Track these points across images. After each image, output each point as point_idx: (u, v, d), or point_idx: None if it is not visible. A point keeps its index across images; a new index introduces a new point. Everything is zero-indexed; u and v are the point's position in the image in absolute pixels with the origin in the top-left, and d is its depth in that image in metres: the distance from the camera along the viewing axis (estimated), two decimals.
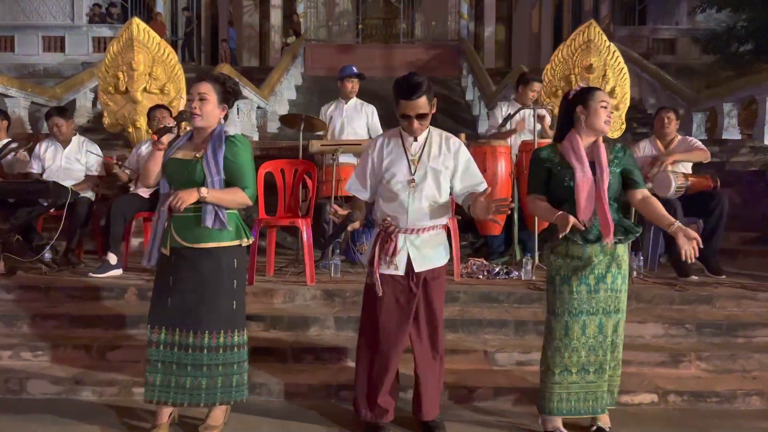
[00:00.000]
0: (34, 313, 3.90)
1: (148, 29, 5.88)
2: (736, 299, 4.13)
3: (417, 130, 2.75)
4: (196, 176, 2.69)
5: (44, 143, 5.16)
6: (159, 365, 2.75)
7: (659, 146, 5.05)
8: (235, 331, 2.79)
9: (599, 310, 2.78)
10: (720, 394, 3.27)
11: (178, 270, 2.74)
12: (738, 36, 11.45)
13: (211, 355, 2.73)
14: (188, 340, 2.72)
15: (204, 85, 2.74)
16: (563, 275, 2.80)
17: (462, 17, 18.00)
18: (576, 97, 2.85)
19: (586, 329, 2.77)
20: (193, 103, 2.72)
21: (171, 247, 2.74)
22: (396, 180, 2.78)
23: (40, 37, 15.24)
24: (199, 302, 2.71)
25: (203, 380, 2.74)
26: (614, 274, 2.78)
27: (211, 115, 2.75)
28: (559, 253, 2.82)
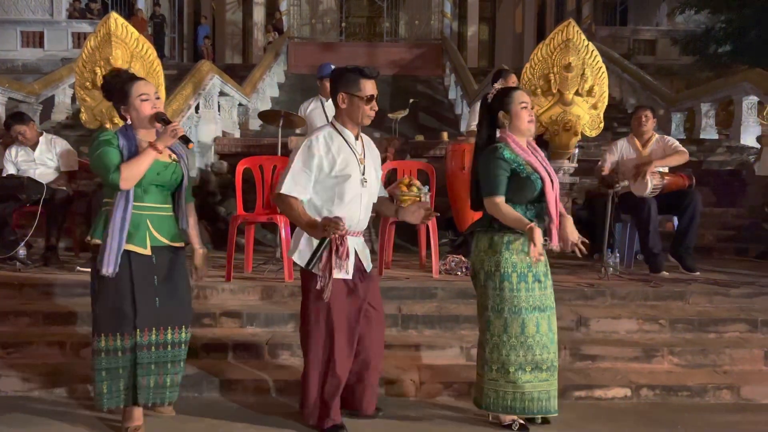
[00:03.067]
0: (7, 310, 3.85)
1: (126, 24, 5.80)
2: (709, 295, 4.19)
3: (372, 115, 2.78)
4: (176, 178, 2.76)
5: (14, 148, 5.09)
6: (152, 367, 2.70)
7: (637, 145, 5.11)
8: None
9: (548, 306, 2.83)
10: (691, 388, 3.32)
11: (162, 269, 2.73)
12: (716, 37, 11.60)
13: (181, 350, 2.81)
14: (172, 337, 2.75)
15: (151, 85, 2.76)
16: (519, 272, 2.77)
17: (445, 16, 18.05)
18: (495, 102, 2.86)
19: (540, 326, 2.78)
20: (156, 103, 2.70)
21: (152, 246, 2.70)
22: (352, 180, 2.74)
23: (18, 33, 15.00)
24: (180, 299, 2.80)
25: (174, 377, 2.79)
26: (549, 273, 2.88)
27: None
28: (514, 249, 2.78)
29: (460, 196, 5.11)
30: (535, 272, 2.79)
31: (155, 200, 2.73)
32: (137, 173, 2.59)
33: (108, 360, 2.67)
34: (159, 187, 2.73)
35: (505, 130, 2.85)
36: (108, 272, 2.59)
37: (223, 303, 4.00)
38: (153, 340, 2.72)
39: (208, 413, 3.00)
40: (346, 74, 2.74)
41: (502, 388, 2.79)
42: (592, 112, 5.88)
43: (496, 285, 2.79)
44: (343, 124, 2.80)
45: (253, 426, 2.90)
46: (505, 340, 2.78)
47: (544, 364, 2.78)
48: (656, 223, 4.81)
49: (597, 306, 4.09)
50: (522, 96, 2.83)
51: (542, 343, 2.78)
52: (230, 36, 20.03)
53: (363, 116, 2.76)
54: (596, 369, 3.52)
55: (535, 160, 2.83)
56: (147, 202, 2.71)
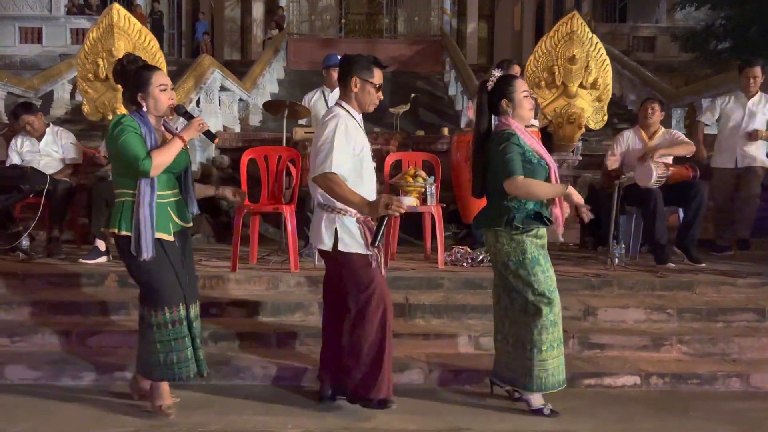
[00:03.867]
0: (12, 300, 3.83)
1: (128, 15, 5.79)
2: (716, 285, 4.19)
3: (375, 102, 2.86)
4: (184, 164, 2.87)
5: (19, 138, 5.06)
6: (186, 340, 2.80)
7: (643, 137, 5.10)
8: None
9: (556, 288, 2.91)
10: (701, 376, 3.32)
11: (179, 250, 2.86)
12: (716, 34, 11.61)
13: (197, 324, 2.91)
14: (195, 311, 2.89)
15: (166, 75, 2.84)
16: (532, 256, 2.83)
17: (445, 13, 18.05)
18: (497, 90, 2.90)
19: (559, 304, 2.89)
20: (169, 95, 2.79)
21: (174, 231, 2.82)
22: (367, 159, 2.86)
23: (17, 28, 14.94)
24: (193, 276, 2.99)
25: (199, 351, 2.89)
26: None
27: None
28: (531, 234, 2.84)
29: (465, 187, 5.08)
30: (546, 255, 2.90)
31: (169, 186, 2.81)
32: (167, 161, 2.70)
33: (176, 330, 2.77)
34: (169, 174, 2.80)
35: (507, 117, 2.87)
36: (148, 257, 2.69)
37: (230, 293, 3.98)
38: (183, 314, 2.80)
39: (217, 401, 2.99)
40: (362, 60, 2.82)
41: (551, 365, 2.85)
42: (595, 104, 5.90)
43: (529, 271, 2.82)
44: (352, 107, 2.86)
45: (262, 413, 2.88)
46: (552, 320, 2.83)
47: (557, 341, 2.89)
48: (662, 214, 4.80)
49: (604, 296, 4.08)
50: (524, 84, 2.93)
51: (558, 322, 2.89)
52: (229, 32, 19.97)
53: (371, 103, 2.85)
54: (605, 357, 3.51)
55: (540, 147, 2.92)
56: (162, 189, 2.76)
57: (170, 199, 2.80)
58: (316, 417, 2.85)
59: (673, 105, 9.74)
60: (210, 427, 2.72)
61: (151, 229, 2.69)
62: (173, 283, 2.78)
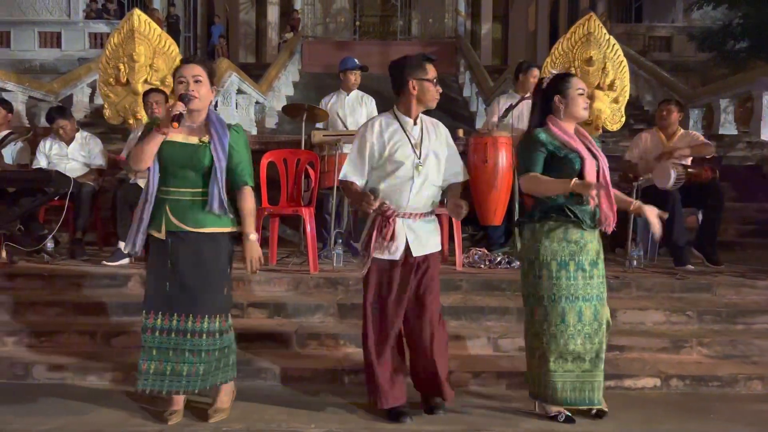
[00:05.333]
0: (37, 301, 3.90)
1: (149, 21, 5.87)
2: (736, 287, 4.17)
3: (438, 97, 2.83)
4: (204, 161, 2.67)
5: (48, 141, 5.17)
6: (154, 352, 2.71)
7: (661, 138, 5.08)
8: (228, 316, 2.85)
9: (593, 296, 2.77)
10: (721, 379, 3.31)
11: (177, 254, 2.69)
12: (734, 33, 11.50)
13: (210, 340, 2.73)
14: (186, 325, 2.69)
15: (196, 67, 2.71)
16: (560, 260, 2.76)
17: (459, 15, 18.04)
18: (552, 86, 2.87)
19: (582, 316, 2.75)
20: (189, 87, 2.64)
21: (168, 230, 2.69)
22: (402, 164, 2.79)
23: (36, 33, 15.14)
24: (201, 287, 2.70)
25: (201, 366, 2.72)
26: (601, 260, 2.82)
27: (206, 98, 2.73)
28: (555, 237, 2.78)
29: (482, 189, 5.10)
30: (579, 261, 2.76)
31: (180, 184, 2.70)
32: (138, 154, 2.64)
33: (144, 338, 2.73)
34: (185, 170, 2.68)
35: (552, 117, 2.84)
36: (127, 250, 2.73)
37: (251, 294, 4.03)
38: (158, 324, 2.71)
39: (238, 401, 3.02)
40: (411, 62, 2.82)
41: (545, 377, 2.78)
42: (613, 106, 5.88)
43: (536, 273, 2.80)
44: (404, 111, 2.85)
45: (284, 413, 2.92)
46: (545, 328, 2.77)
47: (588, 355, 2.76)
48: (681, 216, 4.78)
49: (623, 298, 4.08)
50: (580, 82, 2.86)
51: (584, 333, 2.75)
52: (243, 36, 20.11)
53: (432, 99, 2.84)
54: (624, 359, 3.51)
55: (575, 140, 2.81)
56: (170, 186, 2.71)
57: (173, 197, 2.69)
58: (338, 417, 2.88)
59: (690, 105, 9.68)
60: (232, 427, 2.76)
61: (138, 224, 2.68)
62: (154, 287, 2.71)
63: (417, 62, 2.81)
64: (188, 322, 2.70)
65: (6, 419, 2.80)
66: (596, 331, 2.77)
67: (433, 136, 2.87)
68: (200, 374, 2.73)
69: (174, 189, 2.70)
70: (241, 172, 2.75)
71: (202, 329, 2.70)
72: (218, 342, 2.77)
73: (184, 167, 2.68)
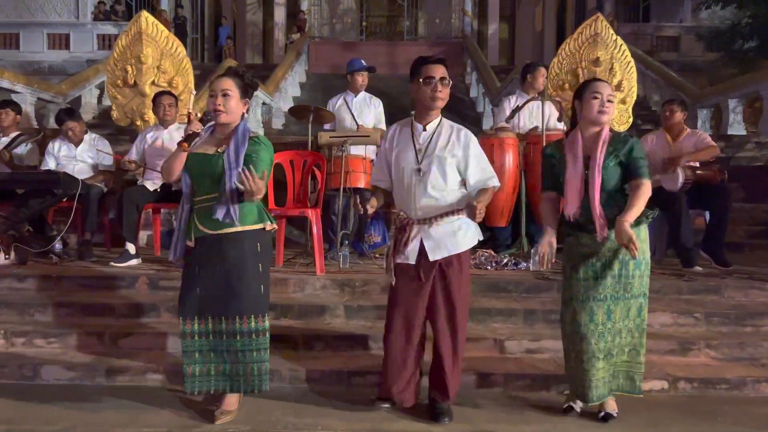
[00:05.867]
0: (46, 302, 3.93)
1: (156, 23, 5.90)
2: (744, 289, 4.15)
3: (439, 98, 2.76)
4: (218, 169, 2.74)
5: (57, 142, 5.21)
6: (197, 355, 2.82)
7: (667, 139, 5.06)
8: (265, 316, 2.84)
9: (606, 296, 2.79)
10: (729, 381, 3.29)
11: (204, 259, 2.78)
12: (742, 33, 11.46)
13: (244, 341, 2.78)
14: (221, 326, 2.78)
15: (226, 80, 2.78)
16: (573, 263, 2.86)
17: (467, 15, 18.02)
18: (575, 93, 2.93)
19: (594, 316, 2.79)
20: (216, 100, 2.75)
21: (195, 237, 2.80)
22: (404, 169, 2.83)
23: (45, 35, 15.27)
24: (227, 288, 2.76)
25: (240, 366, 2.80)
26: (623, 261, 2.78)
27: (235, 111, 2.80)
28: (570, 243, 2.89)
29: None
30: (590, 263, 2.82)
31: (203, 192, 2.80)
32: (170, 170, 2.82)
33: (184, 343, 2.84)
34: (206, 179, 2.78)
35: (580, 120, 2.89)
36: (170, 258, 2.83)
37: None
38: (195, 329, 2.80)
39: (246, 402, 3.02)
40: (412, 67, 2.85)
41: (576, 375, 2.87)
42: (620, 106, 5.86)
43: (564, 276, 2.93)
44: (416, 116, 2.89)
45: (291, 414, 2.92)
46: (567, 328, 2.88)
47: (602, 353, 2.80)
48: (688, 217, 4.76)
49: None
50: (596, 86, 2.82)
51: (599, 332, 2.80)
52: (250, 36, 20.17)
53: (428, 98, 2.78)
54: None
55: (571, 147, 2.84)
56: (197, 195, 2.82)
57: (200, 205, 2.80)
58: (345, 418, 2.88)
59: (698, 106, 9.64)
60: (239, 428, 2.76)
61: (177, 230, 2.83)
62: (186, 293, 2.81)
63: (414, 66, 2.84)
64: (221, 324, 2.78)
65: (14, 419, 2.81)
66: (609, 329, 2.81)
67: (444, 141, 2.81)
68: (240, 374, 2.81)
69: (200, 197, 2.81)
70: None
71: (235, 330, 2.77)
72: (254, 343, 2.80)
73: (204, 176, 2.79)
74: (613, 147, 2.79)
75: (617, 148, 2.79)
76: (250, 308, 2.79)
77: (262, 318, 2.83)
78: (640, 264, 2.81)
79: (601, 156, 2.76)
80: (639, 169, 2.77)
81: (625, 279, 2.80)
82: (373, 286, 4.11)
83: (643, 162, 2.79)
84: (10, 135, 5.38)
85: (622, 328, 2.83)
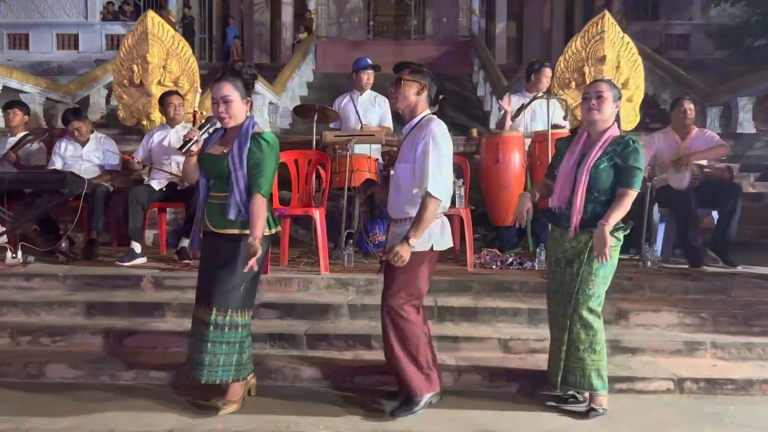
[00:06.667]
0: (52, 301, 3.95)
1: (162, 22, 5.93)
2: (752, 289, 4.11)
3: (392, 97, 2.90)
4: (224, 169, 2.81)
5: (63, 142, 5.24)
6: (191, 341, 2.93)
7: (676, 138, 5.00)
8: (241, 312, 2.88)
9: (565, 292, 2.88)
10: (736, 382, 3.25)
11: (206, 252, 2.95)
12: (752, 30, 11.36)
13: (216, 332, 2.82)
14: (204, 316, 2.85)
15: (225, 86, 2.82)
16: (551, 256, 3.01)
17: (473, 13, 17.96)
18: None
19: (558, 308, 2.93)
20: (219, 107, 2.83)
21: (204, 231, 2.93)
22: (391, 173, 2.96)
23: (54, 35, 15.37)
24: (213, 280, 2.84)
25: (206, 356, 2.81)
26: (582, 261, 2.81)
27: (239, 113, 2.87)
28: (550, 237, 3.05)
29: (493, 190, 5.09)
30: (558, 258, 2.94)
31: (215, 190, 2.90)
32: (186, 174, 3.00)
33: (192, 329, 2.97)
34: (216, 177, 2.89)
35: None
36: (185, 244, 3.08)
37: (261, 295, 4.02)
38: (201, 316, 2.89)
39: (248, 401, 3.03)
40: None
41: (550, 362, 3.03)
42: (627, 105, 5.82)
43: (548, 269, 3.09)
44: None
45: (293, 413, 2.92)
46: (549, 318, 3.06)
47: (573, 345, 2.88)
48: (696, 216, 4.72)
49: (636, 299, 4.03)
50: (588, 87, 2.95)
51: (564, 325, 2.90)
52: (258, 36, 20.18)
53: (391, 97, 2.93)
54: (637, 362, 3.46)
55: (571, 148, 2.93)
56: (212, 192, 2.92)
57: (211, 201, 2.91)
58: (347, 418, 2.88)
59: (707, 104, 9.55)
60: (242, 427, 2.77)
61: (194, 225, 2.99)
62: (199, 284, 2.94)
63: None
64: (204, 314, 2.85)
65: (20, 418, 2.83)
66: (572, 325, 2.86)
67: (408, 145, 2.84)
68: (205, 364, 2.81)
69: (212, 195, 2.92)
70: (253, 177, 2.81)
71: (209, 320, 2.81)
72: (225, 335, 2.83)
73: (213, 176, 2.90)
74: (612, 148, 2.80)
75: (616, 150, 2.78)
76: (231, 303, 2.83)
77: (240, 313, 2.87)
78: (603, 266, 2.81)
79: (595, 156, 2.79)
80: (630, 179, 2.75)
81: (577, 278, 2.82)
82: (377, 286, 4.07)
83: (637, 173, 2.75)
84: (17, 135, 5.42)
85: (573, 324, 2.86)
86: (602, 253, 2.70)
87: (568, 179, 2.85)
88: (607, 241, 2.68)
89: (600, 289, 2.85)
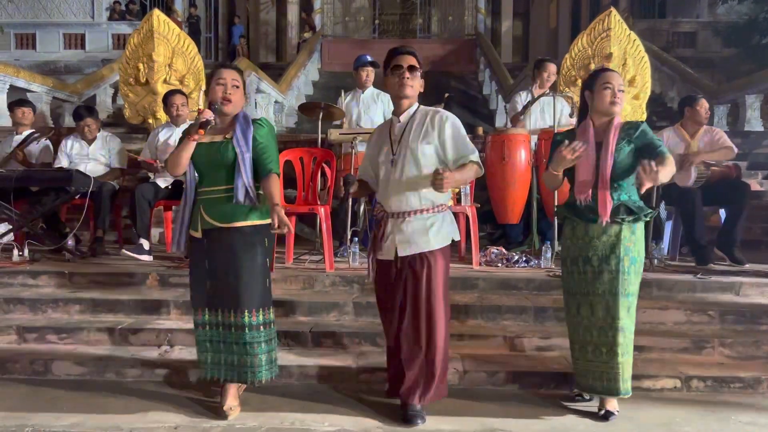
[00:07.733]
0: (58, 298, 3.96)
1: (168, 21, 5.94)
2: (760, 287, 4.08)
3: (407, 85, 2.73)
4: (227, 155, 2.77)
5: (70, 140, 5.25)
6: (207, 344, 2.89)
7: (684, 136, 4.95)
8: (270, 309, 2.90)
9: (605, 291, 2.77)
10: (744, 380, 3.23)
11: (213, 252, 2.81)
12: (760, 28, 11.29)
13: (253, 333, 2.81)
14: (230, 319, 2.81)
15: (234, 73, 2.87)
16: (572, 256, 2.87)
17: (479, 12, 17.93)
18: (585, 83, 2.94)
19: (594, 310, 2.80)
20: (227, 89, 2.80)
21: (203, 229, 2.82)
22: (381, 163, 2.83)
23: (61, 35, 15.45)
24: (237, 282, 2.77)
25: (248, 358, 2.81)
26: (618, 256, 2.75)
27: (239, 103, 2.87)
28: (568, 236, 2.91)
29: (499, 187, 5.07)
30: (587, 257, 2.80)
31: (211, 183, 2.83)
32: (172, 160, 2.81)
33: (196, 333, 2.92)
34: (214, 169, 2.80)
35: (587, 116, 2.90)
36: (173, 250, 2.88)
37: None
38: (206, 319, 2.87)
39: (253, 398, 3.03)
40: (384, 60, 2.82)
41: (574, 365, 2.94)
42: (633, 102, 5.80)
43: (563, 269, 2.98)
44: (393, 110, 2.87)
45: (298, 411, 2.92)
46: (570, 320, 2.93)
47: (604, 347, 2.78)
48: (702, 214, 4.69)
49: (642, 297, 3.89)
50: (607, 77, 2.82)
51: (599, 326, 2.79)
52: (264, 35, 20.23)
53: (395, 87, 2.77)
54: (644, 359, 3.44)
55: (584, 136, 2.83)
56: (204, 186, 2.84)
57: (206, 197, 2.82)
58: (353, 416, 2.87)
59: (715, 102, 9.51)
60: (247, 424, 2.76)
61: (180, 225, 2.86)
62: (195, 286, 2.87)
63: (385, 58, 2.80)
64: (231, 317, 2.81)
65: (25, 415, 2.84)
66: (610, 325, 2.77)
67: (417, 130, 2.73)
68: (248, 365, 2.82)
69: (207, 189, 2.83)
70: (265, 161, 2.81)
71: (244, 323, 2.79)
72: (263, 334, 2.84)
73: (212, 166, 2.81)
74: (625, 133, 2.80)
75: (629, 133, 2.79)
76: (260, 302, 2.83)
77: (270, 310, 2.90)
78: (635, 261, 2.78)
79: (614, 141, 2.76)
80: (658, 147, 2.73)
81: (618, 275, 2.76)
82: None
83: (658, 141, 2.77)
84: (23, 133, 5.44)
85: (612, 325, 2.76)
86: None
87: (590, 169, 2.78)
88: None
89: (635, 287, 2.81)
